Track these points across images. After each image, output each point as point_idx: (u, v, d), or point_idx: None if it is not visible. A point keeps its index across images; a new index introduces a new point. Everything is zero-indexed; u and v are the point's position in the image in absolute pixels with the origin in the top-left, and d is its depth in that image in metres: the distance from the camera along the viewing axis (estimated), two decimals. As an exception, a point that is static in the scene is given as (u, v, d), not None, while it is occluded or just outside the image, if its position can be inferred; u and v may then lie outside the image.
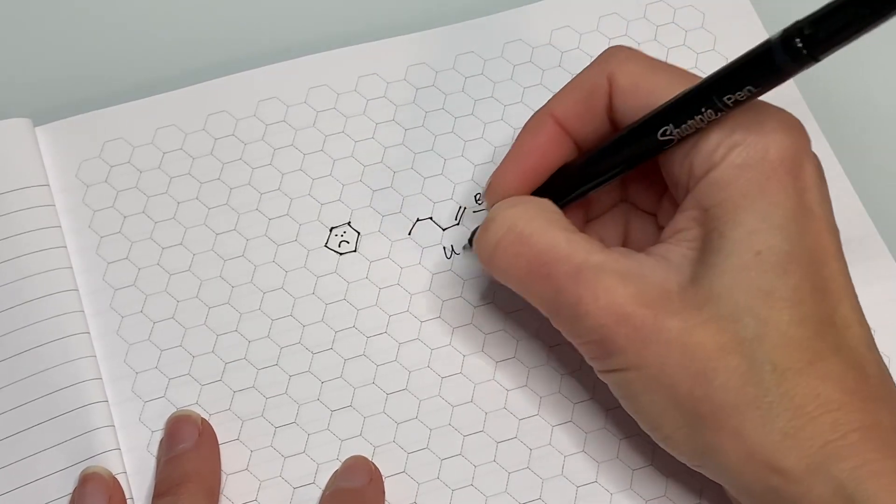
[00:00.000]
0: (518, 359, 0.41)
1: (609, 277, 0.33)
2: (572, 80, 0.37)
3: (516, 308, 0.41)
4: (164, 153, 0.44)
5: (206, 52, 0.47)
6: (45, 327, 0.40)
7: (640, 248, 0.35)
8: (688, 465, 0.35)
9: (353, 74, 0.46)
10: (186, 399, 0.40)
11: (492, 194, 0.38)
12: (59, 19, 0.48)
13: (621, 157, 0.36)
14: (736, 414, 0.32)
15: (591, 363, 0.36)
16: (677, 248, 0.34)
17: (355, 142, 0.44)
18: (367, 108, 0.45)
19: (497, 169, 0.38)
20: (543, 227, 0.35)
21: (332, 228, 0.43)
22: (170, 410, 0.39)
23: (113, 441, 0.39)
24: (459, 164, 0.44)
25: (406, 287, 0.42)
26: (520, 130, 0.38)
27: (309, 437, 0.39)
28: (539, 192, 0.38)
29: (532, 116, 0.38)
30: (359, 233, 0.43)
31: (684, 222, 0.34)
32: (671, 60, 0.46)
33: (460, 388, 0.40)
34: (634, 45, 0.46)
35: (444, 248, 0.43)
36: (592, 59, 0.37)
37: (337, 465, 0.39)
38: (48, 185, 0.43)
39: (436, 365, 0.40)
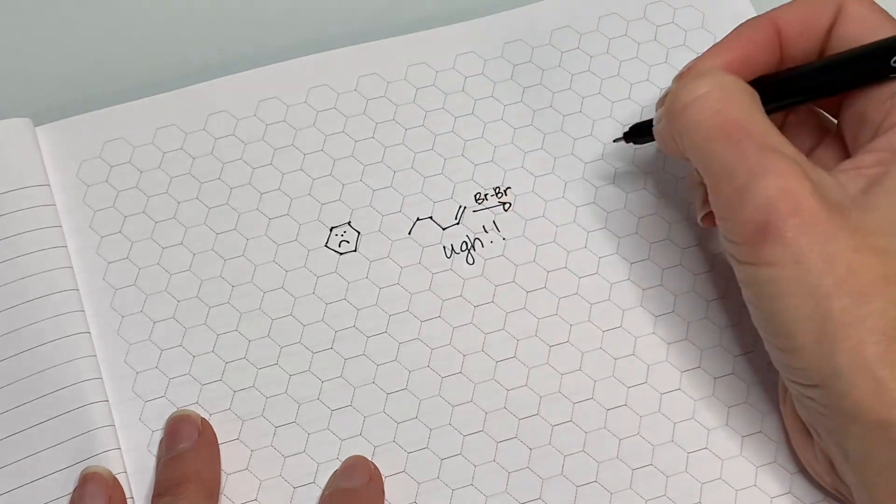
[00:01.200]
0: (518, 358, 0.41)
1: (797, 167, 0.33)
2: None
3: (516, 308, 0.41)
4: (164, 153, 0.44)
5: (207, 52, 0.47)
6: (46, 327, 0.40)
7: None
8: (797, 382, 0.34)
9: (353, 74, 0.46)
10: (187, 399, 0.40)
11: (685, 73, 0.38)
12: (59, 19, 0.48)
13: (841, 76, 0.37)
14: (880, 345, 0.32)
15: (736, 249, 0.35)
16: (855, 181, 0.34)
17: (355, 141, 0.44)
18: (367, 108, 0.45)
19: (704, 52, 0.38)
20: (749, 102, 0.35)
21: (333, 228, 0.43)
22: (170, 410, 0.39)
23: (113, 441, 0.39)
24: (460, 164, 0.44)
25: (406, 287, 0.42)
26: (736, 27, 0.39)
27: (309, 436, 0.39)
28: None
29: (752, 17, 0.39)
30: (359, 232, 0.43)
31: (869, 161, 0.35)
32: (671, 61, 0.46)
33: (460, 387, 0.40)
34: (634, 46, 0.46)
35: (444, 247, 0.43)
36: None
37: (337, 465, 0.39)
38: (48, 185, 0.43)
39: (436, 364, 0.40)
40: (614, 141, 0.43)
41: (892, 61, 0.35)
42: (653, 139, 0.40)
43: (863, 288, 0.32)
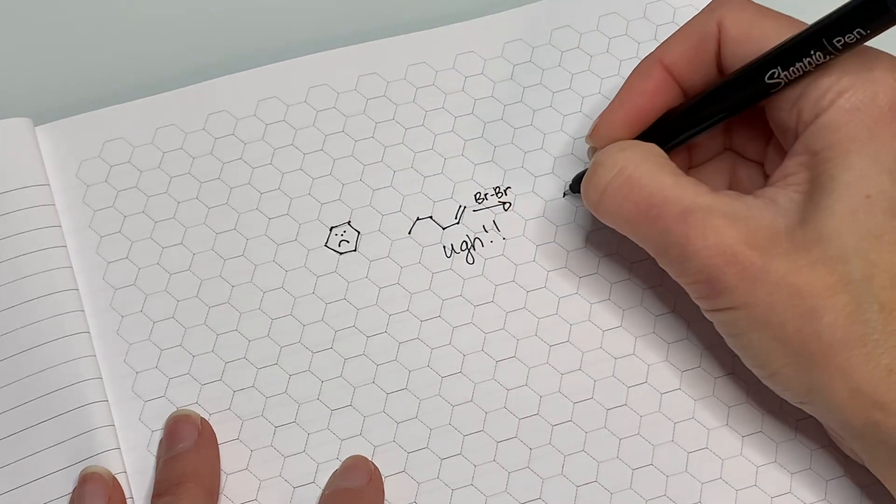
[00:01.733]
0: (517, 358, 0.41)
1: (717, 218, 0.34)
2: (682, 27, 0.38)
3: (516, 307, 0.41)
4: (164, 153, 0.44)
5: (206, 51, 0.47)
6: (45, 327, 0.40)
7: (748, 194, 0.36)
8: (791, 401, 0.36)
9: (353, 74, 0.46)
10: (186, 398, 0.40)
11: (597, 136, 0.39)
12: (59, 19, 0.48)
13: (728, 101, 0.37)
14: (843, 351, 0.33)
15: (698, 302, 0.37)
16: (785, 192, 0.35)
17: (355, 141, 0.44)
18: (367, 108, 0.45)
19: (603, 112, 0.39)
20: (652, 171, 0.36)
21: (332, 228, 0.43)
22: (170, 410, 0.39)
23: (113, 441, 0.39)
24: (459, 163, 0.44)
25: (406, 286, 0.42)
26: (627, 76, 0.39)
27: (309, 436, 0.39)
28: (644, 137, 0.39)
29: (641, 62, 0.39)
30: (359, 232, 0.43)
31: (793, 167, 0.35)
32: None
33: (460, 387, 0.40)
34: (634, 45, 0.46)
35: (444, 246, 0.43)
36: (702, 7, 0.38)
37: (337, 465, 0.39)
38: (48, 185, 0.42)
39: (436, 364, 0.40)
40: (563, 195, 0.43)
41: (765, 78, 0.35)
42: None
43: (810, 306, 0.33)
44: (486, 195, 0.44)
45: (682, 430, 0.39)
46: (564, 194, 0.43)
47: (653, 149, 0.37)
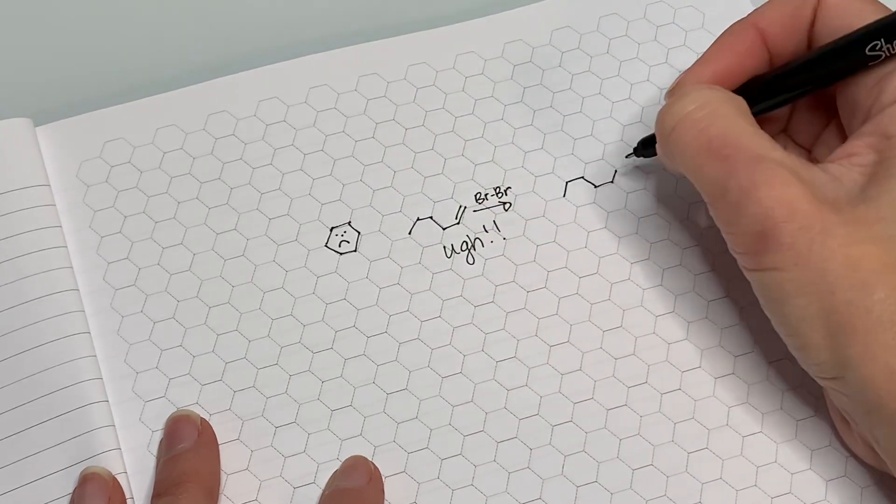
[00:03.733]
0: (518, 358, 0.41)
1: (787, 172, 0.34)
2: None
3: (517, 307, 0.41)
4: (164, 153, 0.44)
5: (207, 51, 0.47)
6: (46, 327, 0.40)
7: None
8: (818, 376, 0.35)
9: (353, 74, 0.46)
10: (187, 399, 0.40)
11: (673, 90, 0.38)
12: (59, 19, 0.48)
13: (824, 70, 0.37)
14: (891, 329, 0.32)
15: (741, 259, 0.36)
16: (848, 171, 0.35)
17: (355, 141, 0.44)
18: (367, 108, 0.45)
19: (690, 67, 0.39)
20: (733, 113, 0.36)
21: (333, 228, 0.43)
22: (170, 410, 0.39)
23: (113, 441, 0.39)
24: (460, 164, 0.44)
25: (406, 286, 0.42)
26: (718, 36, 0.39)
27: (309, 436, 0.39)
28: None
29: (734, 23, 0.39)
30: (359, 232, 0.43)
31: (860, 147, 0.35)
32: (671, 61, 0.46)
33: (460, 387, 0.40)
34: (634, 46, 0.46)
35: (445, 247, 0.43)
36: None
37: (337, 465, 0.39)
38: (48, 185, 0.42)
39: (436, 364, 0.40)
40: (626, 157, 0.43)
41: (866, 49, 0.35)
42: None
43: (864, 279, 0.33)
44: (486, 195, 0.44)
45: (683, 430, 0.39)
46: (627, 156, 0.43)
47: (739, 98, 0.37)
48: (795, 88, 0.38)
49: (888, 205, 0.34)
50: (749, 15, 0.39)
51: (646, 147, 0.42)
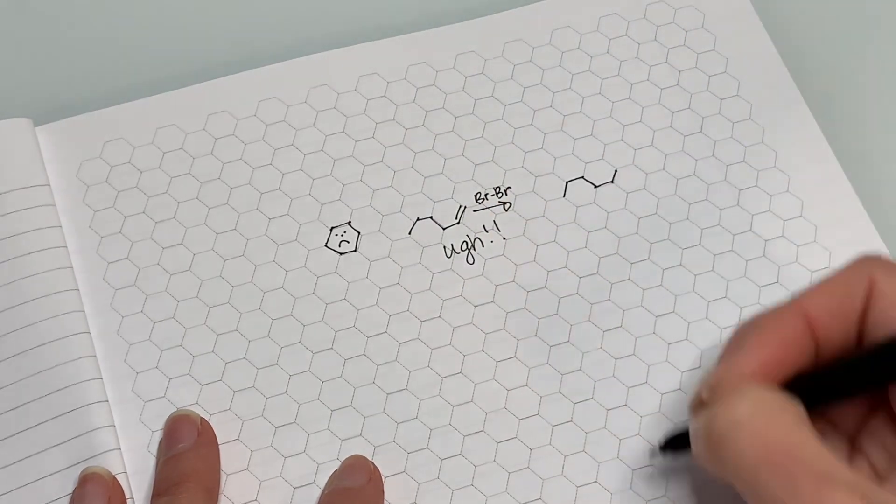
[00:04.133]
0: (518, 358, 0.41)
1: (858, 499, 0.30)
2: (827, 278, 0.35)
3: (517, 308, 0.41)
4: (164, 153, 0.44)
5: (207, 51, 0.47)
6: (46, 327, 0.40)
7: None
8: None
9: (353, 74, 0.46)
10: (186, 399, 0.40)
11: (719, 388, 0.33)
12: (59, 20, 0.48)
13: (881, 371, 0.33)
14: None
15: None
16: None
17: (355, 141, 0.44)
18: (367, 108, 0.45)
19: (728, 357, 0.35)
20: (793, 421, 0.32)
21: (333, 228, 0.43)
22: (170, 410, 0.39)
23: (113, 441, 0.39)
24: (460, 163, 0.44)
25: (406, 286, 0.42)
26: (751, 319, 0.35)
27: (309, 436, 0.39)
28: None
29: (777, 307, 0.35)
30: (359, 232, 0.43)
31: None
32: (671, 61, 0.46)
33: (460, 387, 0.40)
34: (634, 46, 0.46)
35: (445, 247, 0.43)
36: (847, 262, 0.35)
37: (337, 465, 0.39)
38: (49, 185, 0.42)
39: (436, 365, 0.40)
40: (652, 458, 0.39)
41: None
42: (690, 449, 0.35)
43: None
44: (486, 195, 0.44)
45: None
46: (653, 454, 0.39)
47: (796, 402, 0.33)
48: (848, 389, 0.34)
49: None
50: (794, 300, 0.35)
51: (677, 446, 0.37)
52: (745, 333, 0.35)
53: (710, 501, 0.38)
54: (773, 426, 0.31)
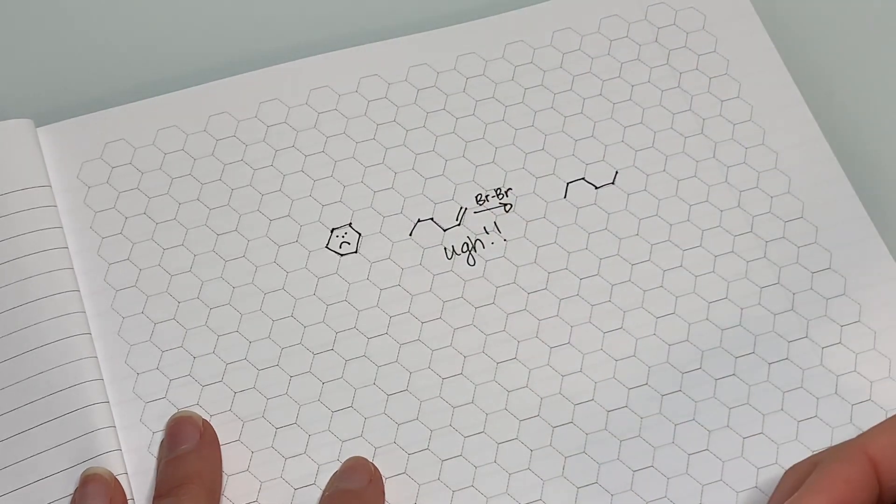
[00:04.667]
0: (519, 360, 0.41)
1: None
2: (889, 418, 0.35)
3: (517, 309, 0.41)
4: (165, 154, 0.44)
5: (208, 53, 0.47)
6: (47, 328, 0.40)
7: None
8: None
9: (354, 76, 0.46)
10: (187, 400, 0.40)
11: None
12: (60, 20, 0.48)
13: None
14: None
15: None
16: None
17: (356, 143, 0.44)
18: (368, 110, 0.45)
19: (801, 496, 0.33)
20: None
21: (334, 229, 0.43)
22: (171, 411, 0.39)
23: (114, 442, 0.39)
24: (461, 165, 0.44)
25: (407, 288, 0.42)
26: (821, 463, 0.34)
27: (310, 437, 0.39)
28: None
29: (839, 448, 0.34)
30: (360, 234, 0.43)
31: None
32: (672, 62, 0.46)
33: (461, 389, 0.40)
34: (635, 47, 0.46)
35: (445, 248, 0.43)
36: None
37: (337, 466, 0.39)
38: (50, 186, 0.43)
39: (436, 366, 0.40)
40: None
41: None
42: None
43: None
44: (487, 196, 0.44)
45: (683, 431, 0.39)
46: None
47: None
48: None
49: None
50: (857, 439, 0.34)
51: None
52: (806, 473, 0.34)
53: (712, 501, 0.38)
54: None
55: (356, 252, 0.42)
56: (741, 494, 0.39)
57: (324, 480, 0.39)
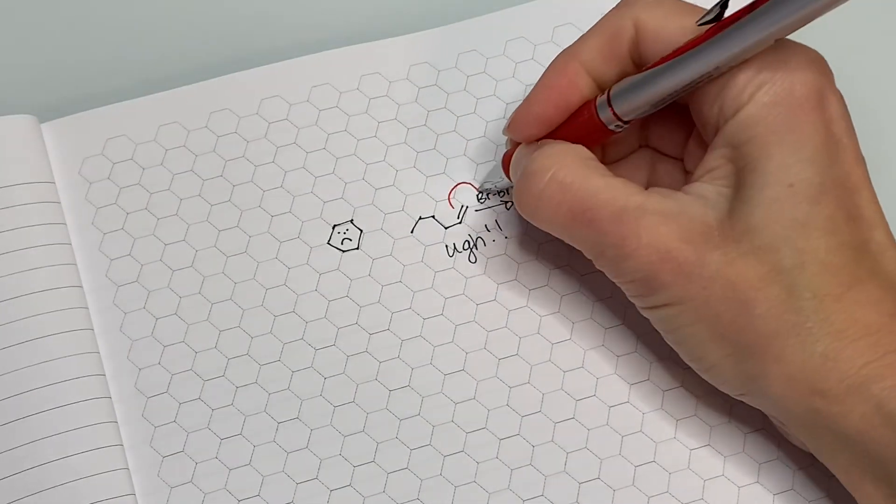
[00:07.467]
0: (520, 356, 0.41)
1: (650, 217, 0.35)
2: (596, 24, 0.38)
3: (518, 305, 0.41)
4: (166, 150, 0.44)
5: (210, 49, 0.47)
6: (49, 323, 0.40)
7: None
8: (731, 394, 0.36)
9: (355, 73, 0.46)
10: (189, 395, 0.40)
11: (514, 129, 0.39)
12: (63, 17, 0.48)
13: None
14: (777, 341, 0.33)
15: (634, 301, 0.37)
16: (712, 186, 0.35)
17: (357, 140, 0.44)
18: (369, 107, 0.45)
19: (520, 106, 0.39)
20: (583, 174, 0.36)
21: (335, 226, 0.43)
22: (173, 406, 0.39)
23: (115, 437, 0.38)
24: (461, 163, 0.44)
25: (408, 284, 0.42)
26: (543, 72, 0.38)
27: (311, 432, 0.39)
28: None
29: (556, 58, 0.38)
30: (361, 230, 0.43)
31: (716, 160, 0.35)
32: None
33: (463, 384, 0.40)
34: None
35: (447, 246, 0.43)
36: (615, 4, 0.38)
37: (340, 461, 0.39)
38: (54, 182, 0.42)
39: (438, 362, 0.40)
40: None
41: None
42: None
43: (743, 298, 0.34)
44: (488, 194, 0.44)
45: (685, 427, 0.40)
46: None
47: (580, 150, 0.37)
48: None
49: (751, 214, 0.34)
50: (567, 48, 0.38)
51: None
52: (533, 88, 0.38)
53: (713, 497, 0.38)
54: (566, 189, 0.36)
55: (358, 248, 0.42)
56: (742, 490, 0.39)
57: (326, 475, 0.39)
